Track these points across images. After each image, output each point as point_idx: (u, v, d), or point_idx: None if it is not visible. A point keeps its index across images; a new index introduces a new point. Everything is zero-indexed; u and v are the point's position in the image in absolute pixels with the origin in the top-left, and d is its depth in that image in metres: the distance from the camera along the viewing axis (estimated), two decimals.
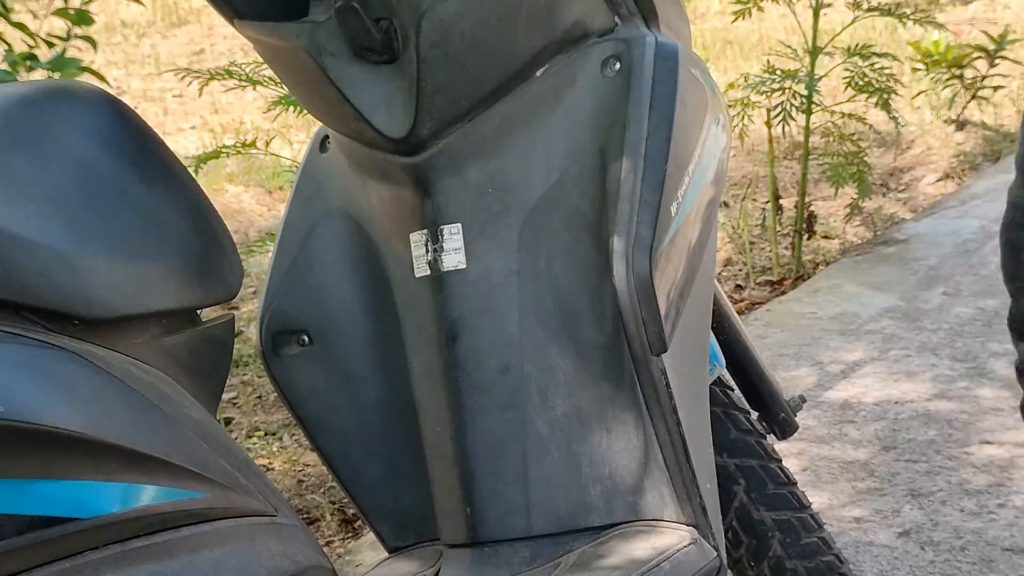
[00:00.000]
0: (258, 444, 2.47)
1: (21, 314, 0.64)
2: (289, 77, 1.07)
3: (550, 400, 1.04)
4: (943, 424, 2.22)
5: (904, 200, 3.82)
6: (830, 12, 2.95)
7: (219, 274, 0.78)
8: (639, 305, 0.95)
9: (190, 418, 0.68)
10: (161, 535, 0.62)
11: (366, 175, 1.09)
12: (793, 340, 2.75)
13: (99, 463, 0.60)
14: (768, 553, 1.33)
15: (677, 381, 1.00)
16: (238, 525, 0.67)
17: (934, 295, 2.91)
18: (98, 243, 0.69)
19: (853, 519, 1.93)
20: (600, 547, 1.02)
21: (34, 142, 0.71)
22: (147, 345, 0.72)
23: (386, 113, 0.99)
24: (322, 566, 0.74)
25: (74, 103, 0.76)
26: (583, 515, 1.05)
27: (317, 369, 1.14)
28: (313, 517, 2.18)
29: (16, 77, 2.00)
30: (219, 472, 0.67)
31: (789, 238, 3.30)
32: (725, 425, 1.34)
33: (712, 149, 1.09)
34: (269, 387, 2.50)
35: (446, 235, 1.05)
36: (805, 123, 3.02)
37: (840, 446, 2.20)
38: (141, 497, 0.61)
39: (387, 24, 0.96)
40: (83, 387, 0.62)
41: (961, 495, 1.96)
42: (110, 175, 0.73)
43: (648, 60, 1.01)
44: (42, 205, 0.67)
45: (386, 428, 1.15)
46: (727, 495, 1.33)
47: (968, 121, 4.31)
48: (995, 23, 4.50)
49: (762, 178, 3.72)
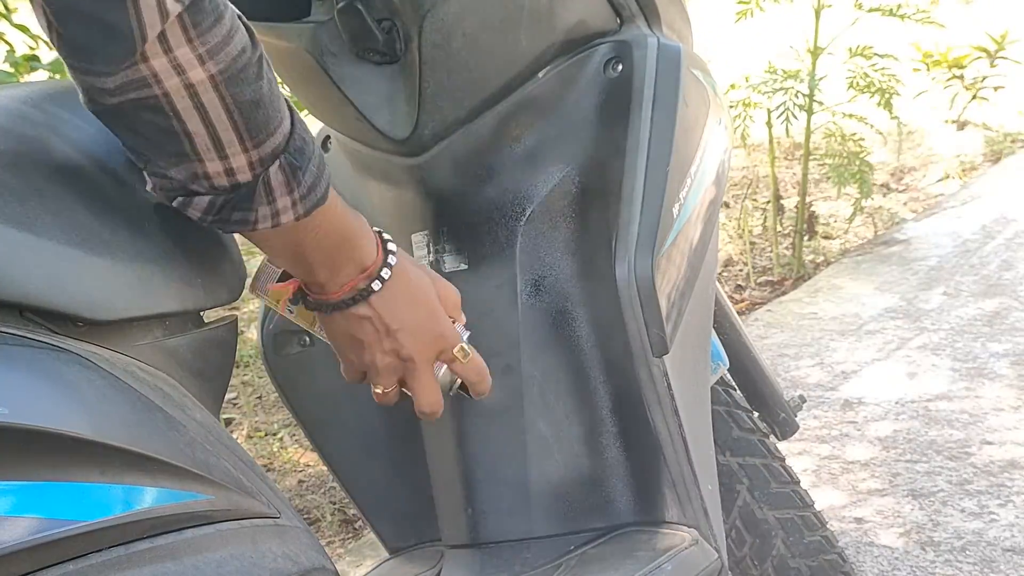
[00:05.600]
0: (259, 444, 2.47)
1: (24, 316, 0.64)
2: (291, 77, 1.07)
3: (551, 401, 1.04)
4: (944, 424, 2.22)
5: (905, 200, 3.82)
6: (831, 13, 2.94)
7: (222, 276, 0.78)
8: (641, 306, 0.95)
9: (193, 420, 0.68)
10: (164, 537, 0.62)
11: (368, 175, 1.09)
12: (794, 340, 2.75)
13: (102, 465, 0.60)
14: (771, 552, 1.34)
15: (678, 382, 1.00)
16: (241, 527, 0.67)
17: (935, 295, 2.91)
18: (101, 245, 0.69)
19: (854, 519, 1.93)
20: (601, 548, 1.02)
21: (36, 143, 0.71)
22: (150, 347, 0.72)
23: (388, 114, 0.99)
24: (325, 568, 0.73)
25: (76, 104, 0.76)
26: (584, 516, 1.05)
27: (318, 369, 1.14)
28: (314, 517, 2.18)
29: (18, 78, 2.00)
30: (222, 474, 0.67)
31: (790, 238, 3.30)
32: (728, 424, 1.34)
33: (714, 150, 1.09)
34: (270, 387, 2.50)
35: (448, 236, 1.05)
36: (806, 123, 3.02)
37: (840, 446, 2.20)
38: (144, 499, 0.61)
39: (389, 25, 0.96)
40: (86, 389, 0.62)
41: (962, 496, 1.96)
42: (113, 176, 0.73)
43: (650, 61, 1.01)
44: (44, 206, 0.67)
45: (387, 428, 1.15)
46: (730, 494, 1.33)
47: (969, 121, 4.31)
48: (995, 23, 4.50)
49: (763, 178, 3.72)
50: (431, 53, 0.96)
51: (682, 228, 1.01)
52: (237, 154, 0.67)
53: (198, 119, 0.65)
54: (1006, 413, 2.23)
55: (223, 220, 0.70)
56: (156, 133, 0.65)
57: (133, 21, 0.60)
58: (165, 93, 0.63)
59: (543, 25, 1.00)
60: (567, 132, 1.03)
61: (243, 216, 0.70)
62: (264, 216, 0.70)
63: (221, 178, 0.67)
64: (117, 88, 0.62)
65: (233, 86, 0.65)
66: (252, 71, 0.66)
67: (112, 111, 0.64)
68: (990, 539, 1.82)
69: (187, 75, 0.63)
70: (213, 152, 0.66)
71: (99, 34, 0.61)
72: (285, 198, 0.70)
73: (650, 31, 1.06)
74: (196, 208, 0.69)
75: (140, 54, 0.61)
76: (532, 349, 1.04)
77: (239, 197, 0.69)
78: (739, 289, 3.21)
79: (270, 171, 0.68)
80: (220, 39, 0.64)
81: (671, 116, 0.99)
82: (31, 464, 0.57)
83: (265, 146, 0.67)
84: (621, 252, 0.95)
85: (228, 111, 0.65)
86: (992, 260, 3.04)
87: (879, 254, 3.31)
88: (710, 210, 1.08)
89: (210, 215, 0.69)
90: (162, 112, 0.64)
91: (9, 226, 0.64)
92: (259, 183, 0.69)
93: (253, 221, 0.70)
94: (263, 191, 0.69)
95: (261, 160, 0.68)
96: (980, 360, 2.48)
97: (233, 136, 0.66)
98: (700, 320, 1.10)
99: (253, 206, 0.69)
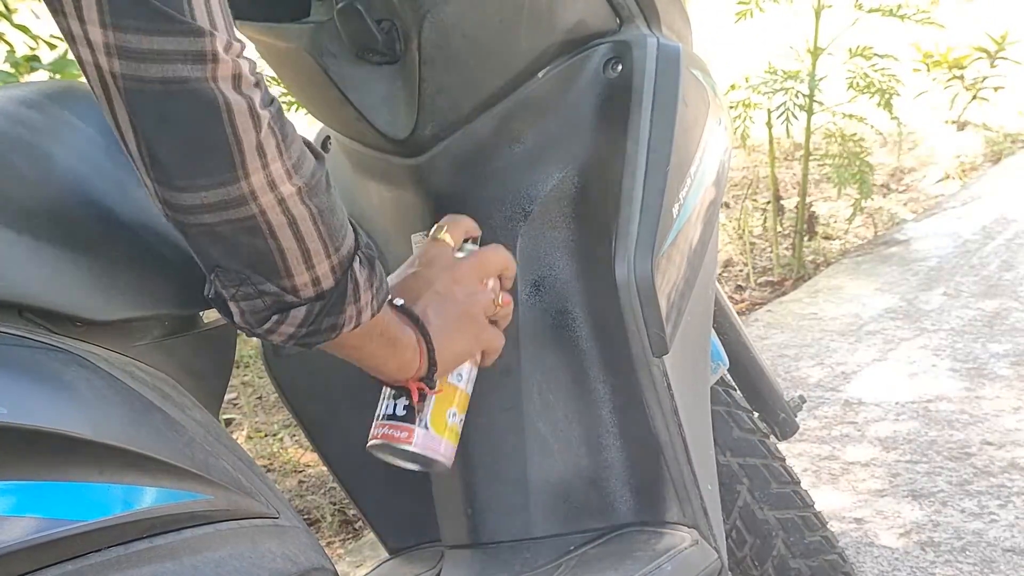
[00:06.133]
0: (259, 444, 2.47)
1: (24, 316, 0.64)
2: (290, 78, 1.07)
3: (551, 402, 1.04)
4: (944, 425, 2.22)
5: (905, 201, 3.82)
6: (831, 13, 2.94)
7: None
8: (640, 307, 0.95)
9: (193, 420, 0.68)
10: (163, 537, 0.62)
11: (367, 176, 1.09)
12: (794, 341, 2.75)
13: (101, 465, 0.60)
14: (772, 552, 1.33)
15: (678, 382, 1.00)
16: (240, 527, 0.67)
17: (935, 296, 2.91)
18: (101, 245, 0.69)
19: (854, 520, 1.93)
20: (601, 549, 1.02)
21: (36, 143, 0.71)
22: (150, 347, 0.72)
23: (388, 114, 0.99)
24: (324, 568, 0.74)
25: (76, 104, 0.76)
26: (584, 517, 1.05)
27: (318, 369, 1.14)
28: (313, 518, 2.18)
29: (19, 78, 2.00)
30: (221, 474, 0.67)
31: (790, 239, 3.30)
32: (728, 424, 1.34)
33: (713, 150, 1.09)
34: (269, 388, 2.50)
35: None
36: (807, 123, 3.02)
37: (840, 447, 2.20)
38: (143, 499, 0.61)
39: (389, 25, 0.96)
40: (86, 389, 0.62)
41: (962, 496, 1.96)
42: (112, 176, 0.73)
43: (650, 61, 1.01)
44: (45, 207, 0.67)
45: None
46: (731, 494, 1.33)
47: (969, 122, 4.30)
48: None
49: (763, 178, 3.72)
50: (431, 53, 0.95)
51: (682, 228, 1.01)
52: (322, 262, 0.67)
53: (290, 234, 0.65)
54: (1006, 414, 2.23)
55: (315, 331, 0.70)
56: (251, 253, 0.65)
57: (228, 128, 0.60)
58: (262, 211, 0.63)
59: (543, 25, 1.00)
60: (567, 132, 1.03)
61: (332, 321, 0.70)
62: (351, 317, 0.71)
63: (308, 289, 0.68)
64: (214, 205, 0.62)
65: (315, 196, 0.65)
66: (325, 179, 0.67)
67: (207, 231, 0.64)
68: (990, 539, 1.82)
69: (279, 190, 0.63)
70: (302, 265, 0.67)
71: (196, 146, 0.60)
72: (368, 293, 0.72)
73: (650, 31, 1.06)
74: (291, 323, 0.69)
75: (243, 167, 0.61)
76: (532, 349, 1.04)
77: (332, 301, 0.69)
78: (739, 289, 3.21)
79: (355, 268, 0.70)
80: (299, 151, 0.65)
81: (671, 116, 0.99)
82: (30, 464, 0.57)
83: (343, 248, 0.69)
84: (621, 252, 0.95)
85: (315, 222, 0.66)
86: (992, 260, 3.04)
87: (879, 254, 3.31)
88: (710, 210, 1.08)
89: (305, 327, 0.70)
90: (259, 232, 0.64)
91: (8, 227, 0.64)
92: (348, 281, 0.69)
93: (341, 325, 0.71)
94: (352, 290, 0.70)
95: (340, 263, 0.69)
96: (980, 361, 2.48)
97: (319, 245, 0.67)
98: (700, 320, 1.10)
99: (344, 308, 0.70)
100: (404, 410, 0.87)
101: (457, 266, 0.88)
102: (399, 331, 0.79)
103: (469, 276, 0.87)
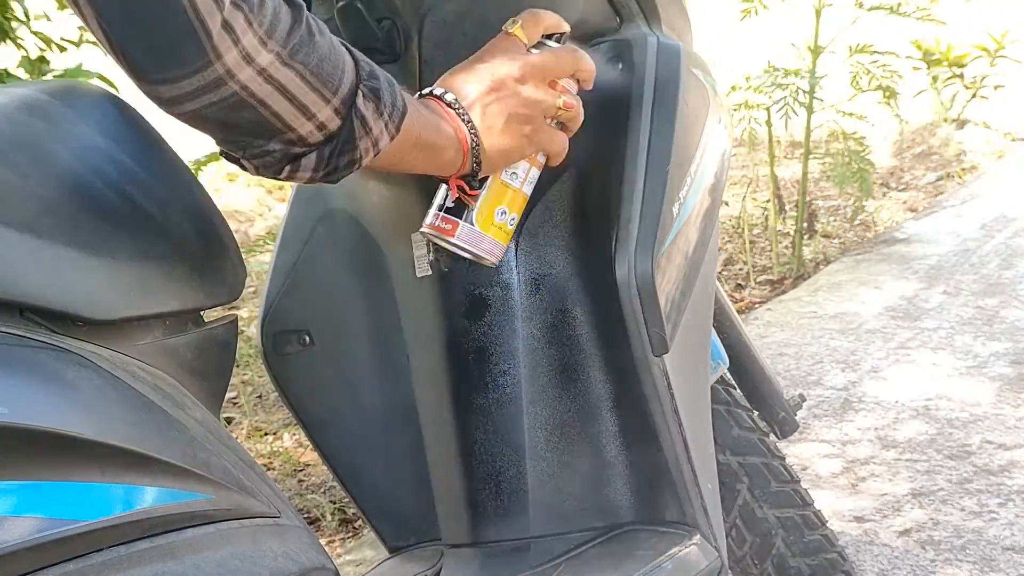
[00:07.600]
0: (259, 444, 2.47)
1: (24, 316, 0.64)
2: None
3: (551, 401, 1.04)
4: (943, 423, 2.22)
5: (905, 199, 3.82)
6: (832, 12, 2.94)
7: (222, 275, 0.78)
8: (641, 306, 0.95)
9: (193, 419, 0.68)
10: (164, 537, 0.62)
11: (368, 175, 1.09)
12: (794, 339, 2.75)
13: (102, 465, 0.60)
14: (772, 551, 1.34)
15: (678, 381, 1.00)
16: (241, 527, 0.67)
17: (935, 294, 2.91)
18: (102, 244, 0.69)
19: (854, 518, 1.93)
20: (601, 548, 1.02)
21: (38, 143, 0.71)
22: (150, 346, 0.72)
23: None
24: (325, 567, 0.73)
25: (78, 103, 0.76)
26: (584, 516, 1.05)
27: (318, 368, 1.14)
28: (313, 517, 2.18)
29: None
30: (222, 474, 0.67)
31: (790, 237, 3.30)
32: (728, 423, 1.34)
33: (713, 149, 1.09)
34: (269, 386, 2.50)
35: None
36: (807, 121, 3.02)
37: (840, 445, 2.20)
38: (144, 499, 0.61)
39: (389, 24, 0.96)
40: (86, 389, 0.62)
41: (962, 494, 1.96)
42: (114, 176, 0.73)
43: (650, 61, 1.01)
44: (46, 206, 0.67)
45: (387, 428, 1.15)
46: (731, 493, 1.33)
47: (969, 120, 4.30)
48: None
49: (763, 177, 3.72)
50: (431, 52, 0.95)
51: (682, 227, 1.00)
52: (322, 109, 0.68)
53: (281, 97, 0.66)
54: (1006, 412, 2.23)
55: (334, 169, 0.72)
56: (246, 123, 0.66)
57: (191, 15, 0.60)
58: (243, 86, 0.64)
59: None
60: None
61: (349, 157, 0.72)
62: (366, 149, 0.72)
63: (314, 135, 0.69)
64: (194, 92, 0.63)
65: (297, 54, 0.66)
66: (307, 30, 0.66)
67: (195, 116, 0.64)
68: (990, 538, 1.82)
69: (256, 62, 0.63)
70: (302, 117, 0.67)
71: (163, 39, 0.61)
72: (378, 123, 0.72)
73: (650, 30, 1.06)
74: (306, 168, 0.70)
75: (213, 51, 0.61)
76: (532, 349, 1.04)
77: (342, 140, 0.70)
78: (739, 288, 3.21)
79: (357, 103, 0.70)
80: (271, 15, 0.64)
81: (671, 116, 0.99)
82: (31, 464, 0.57)
83: (342, 89, 0.69)
84: (621, 252, 0.95)
85: (303, 78, 0.66)
86: (992, 259, 3.04)
87: (879, 253, 3.31)
88: (710, 209, 1.08)
89: (321, 169, 0.71)
90: (247, 106, 0.65)
91: (9, 227, 0.64)
92: (354, 118, 0.70)
93: (360, 158, 0.72)
94: (360, 125, 0.71)
95: (343, 103, 0.69)
96: (980, 359, 2.49)
97: (315, 96, 0.67)
98: (700, 319, 1.10)
99: (356, 143, 0.71)
100: (454, 203, 0.87)
101: (522, 63, 0.84)
102: (435, 135, 0.79)
103: (533, 74, 0.85)
